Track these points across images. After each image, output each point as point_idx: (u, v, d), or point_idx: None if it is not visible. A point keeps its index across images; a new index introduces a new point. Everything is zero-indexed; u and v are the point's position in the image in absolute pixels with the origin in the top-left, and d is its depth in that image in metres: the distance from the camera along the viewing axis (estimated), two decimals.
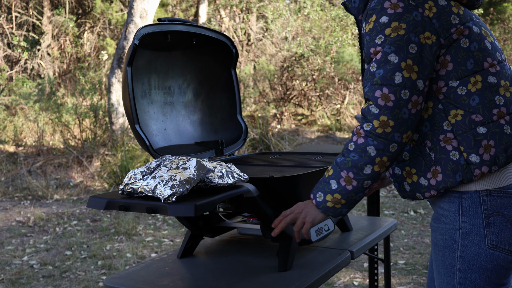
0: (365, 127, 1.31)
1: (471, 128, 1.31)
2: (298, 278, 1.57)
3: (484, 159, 1.30)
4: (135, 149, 6.86)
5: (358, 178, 1.33)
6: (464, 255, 1.35)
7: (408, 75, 1.28)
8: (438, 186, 1.34)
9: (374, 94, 1.29)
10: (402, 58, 1.28)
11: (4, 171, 7.08)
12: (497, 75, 1.35)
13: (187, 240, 1.81)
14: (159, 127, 2.01)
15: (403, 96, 1.28)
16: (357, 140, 1.33)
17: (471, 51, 1.34)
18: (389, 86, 1.28)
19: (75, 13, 13.78)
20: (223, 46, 2.07)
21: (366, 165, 1.32)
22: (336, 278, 3.59)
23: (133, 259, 4.06)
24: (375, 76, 1.30)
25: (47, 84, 9.08)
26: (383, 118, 1.28)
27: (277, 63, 10.71)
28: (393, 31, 1.29)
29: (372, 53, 1.33)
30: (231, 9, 13.61)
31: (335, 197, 1.37)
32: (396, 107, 1.27)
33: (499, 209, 1.33)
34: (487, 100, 1.32)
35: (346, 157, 1.35)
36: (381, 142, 1.29)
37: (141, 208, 1.37)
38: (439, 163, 1.34)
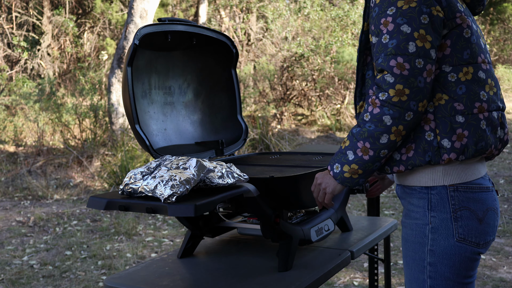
0: (381, 97, 1.32)
1: (451, 114, 1.35)
2: (298, 278, 1.57)
3: (455, 147, 1.34)
4: (135, 149, 6.86)
5: (374, 148, 1.34)
6: (434, 248, 1.39)
7: (422, 44, 1.30)
8: (407, 162, 1.38)
9: (389, 64, 1.30)
10: (414, 28, 1.30)
11: (4, 171, 7.08)
12: (486, 72, 1.40)
13: (187, 240, 1.81)
14: (159, 127, 2.01)
15: (417, 64, 1.29)
16: (372, 110, 1.33)
17: (470, 43, 1.37)
18: (403, 55, 1.29)
19: (75, 13, 13.78)
20: (223, 46, 2.07)
21: (382, 134, 1.33)
22: (336, 278, 3.59)
23: (133, 259, 4.06)
24: (388, 46, 1.31)
25: (47, 84, 9.08)
26: (399, 86, 1.29)
27: (277, 63, 10.71)
28: (405, 4, 1.31)
29: (382, 24, 1.33)
30: (231, 9, 13.60)
31: (352, 168, 1.38)
32: (412, 75, 1.29)
33: (466, 203, 1.38)
34: (472, 92, 1.35)
35: (362, 127, 1.35)
36: (397, 111, 1.30)
37: (141, 208, 1.37)
38: (415, 141, 1.37)
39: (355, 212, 5.18)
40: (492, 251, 4.00)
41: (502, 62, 19.03)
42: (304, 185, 1.68)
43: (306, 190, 1.69)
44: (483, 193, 1.41)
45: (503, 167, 7.15)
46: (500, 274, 3.58)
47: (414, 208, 1.43)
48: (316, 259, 1.74)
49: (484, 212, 1.40)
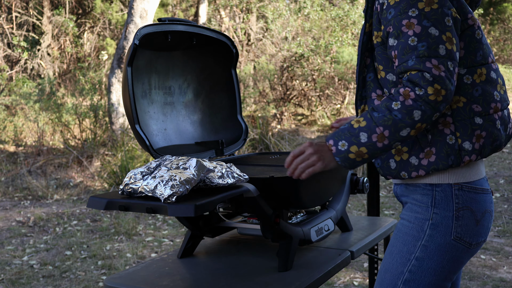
0: (417, 91, 1.29)
1: (470, 116, 1.36)
2: (298, 278, 1.57)
3: (475, 148, 1.37)
4: (135, 149, 6.86)
5: (392, 138, 1.32)
6: (428, 244, 1.40)
7: (450, 47, 1.30)
8: (429, 167, 1.38)
9: (426, 65, 1.29)
10: (441, 31, 1.30)
11: (4, 171, 7.08)
12: (496, 71, 1.42)
13: (187, 240, 1.81)
14: (159, 127, 2.01)
15: (450, 67, 1.30)
16: (404, 101, 1.31)
17: (482, 44, 1.39)
18: (437, 58, 1.29)
19: (75, 13, 13.78)
20: (223, 46, 2.07)
21: (406, 127, 1.31)
22: (336, 278, 3.59)
23: (133, 259, 4.06)
24: (418, 49, 1.30)
25: (47, 84, 9.08)
26: (437, 86, 1.28)
27: (277, 63, 10.71)
28: (426, 5, 1.31)
29: (404, 25, 1.32)
30: (231, 9, 13.61)
31: (361, 150, 1.35)
32: (447, 78, 1.29)
33: (468, 203, 1.40)
34: (488, 93, 1.37)
35: (386, 114, 1.32)
36: (429, 109, 1.29)
37: (141, 208, 1.37)
38: (435, 145, 1.37)
39: (355, 212, 5.18)
40: (492, 251, 4.00)
41: (502, 62, 19.03)
42: (304, 185, 1.68)
43: (306, 190, 1.69)
44: (484, 195, 1.43)
45: (503, 167, 7.15)
46: (500, 274, 3.58)
47: (417, 203, 1.44)
48: (316, 259, 1.74)
49: (482, 214, 1.41)
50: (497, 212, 5.00)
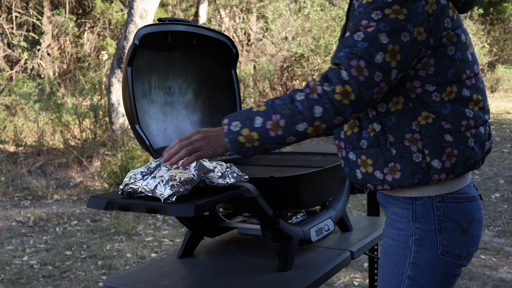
0: (326, 87, 1.22)
1: (439, 133, 1.29)
2: (298, 278, 1.57)
3: (445, 167, 1.29)
4: (135, 149, 6.86)
5: (286, 130, 1.24)
6: (417, 261, 1.34)
7: (389, 60, 1.22)
8: (394, 184, 1.32)
9: (350, 62, 1.21)
10: (391, 41, 1.21)
11: (4, 171, 7.08)
12: (471, 88, 1.33)
13: (187, 240, 1.81)
14: (159, 127, 2.01)
15: (375, 77, 1.21)
16: (309, 94, 1.23)
17: (454, 60, 1.30)
18: (367, 61, 1.21)
19: (75, 13, 13.79)
20: (223, 46, 2.07)
21: (303, 122, 1.23)
22: (336, 278, 3.59)
23: (133, 259, 4.06)
24: (357, 46, 1.22)
25: (47, 84, 9.08)
26: (348, 88, 1.20)
27: (277, 63, 10.71)
28: (393, 13, 1.22)
29: (362, 25, 1.24)
30: (231, 9, 13.61)
31: (251, 135, 1.25)
32: (365, 84, 1.21)
33: (451, 214, 1.33)
34: (458, 111, 1.30)
35: (287, 103, 1.24)
36: (332, 110, 1.22)
37: (141, 208, 1.37)
38: (400, 161, 1.30)
39: (355, 212, 5.18)
40: (492, 251, 4.00)
41: (502, 62, 19.04)
42: (304, 185, 1.68)
43: (306, 190, 1.69)
44: (469, 203, 1.36)
45: (503, 167, 7.15)
46: (500, 274, 3.58)
47: (398, 218, 1.37)
48: (316, 259, 1.74)
49: (468, 223, 1.35)
50: (497, 212, 5.00)
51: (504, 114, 12.91)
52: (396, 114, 1.31)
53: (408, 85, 1.30)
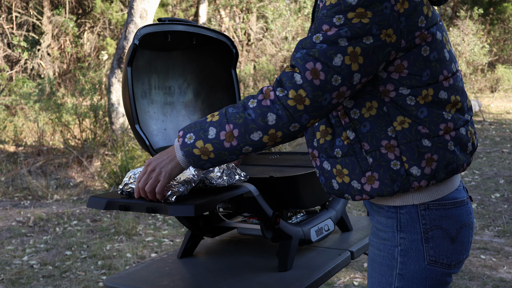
0: (278, 92, 1.15)
1: (417, 139, 1.22)
2: (298, 278, 1.57)
3: (425, 173, 1.23)
4: (135, 149, 6.86)
5: (241, 140, 1.18)
6: (403, 273, 1.28)
7: (350, 63, 1.14)
8: (373, 193, 1.25)
9: (305, 65, 1.14)
10: (351, 44, 1.14)
11: (4, 171, 7.08)
12: (449, 90, 1.26)
13: (187, 240, 1.81)
14: (159, 127, 2.01)
15: (333, 81, 1.14)
16: (262, 100, 1.16)
17: (429, 61, 1.22)
18: (324, 64, 1.13)
19: (75, 13, 13.79)
20: (223, 46, 2.07)
21: (257, 130, 1.16)
22: (336, 278, 3.59)
23: (133, 259, 4.06)
24: (315, 47, 1.15)
25: (47, 84, 9.08)
26: (302, 92, 1.13)
27: (277, 63, 10.70)
28: (356, 17, 1.14)
29: (323, 30, 1.17)
30: (231, 9, 13.61)
31: (206, 147, 1.20)
32: (321, 88, 1.13)
33: (438, 222, 1.26)
34: (435, 114, 1.23)
35: (240, 111, 1.18)
36: (286, 116, 1.15)
37: (141, 208, 1.37)
38: (377, 170, 1.24)
39: (355, 212, 5.19)
40: (492, 251, 4.00)
41: (502, 62, 19.04)
42: (304, 185, 1.68)
43: (306, 190, 1.70)
44: (457, 208, 1.28)
45: (503, 167, 7.15)
46: (500, 274, 3.58)
47: (382, 227, 1.31)
48: (316, 259, 1.74)
49: (457, 230, 1.28)
50: (497, 212, 5.00)
51: (504, 114, 12.92)
52: (370, 120, 1.23)
53: (381, 89, 1.23)
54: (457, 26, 14.96)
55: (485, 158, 7.78)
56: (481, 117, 11.97)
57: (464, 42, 13.76)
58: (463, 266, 3.69)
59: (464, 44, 13.71)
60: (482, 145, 8.94)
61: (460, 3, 19.82)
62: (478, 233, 4.44)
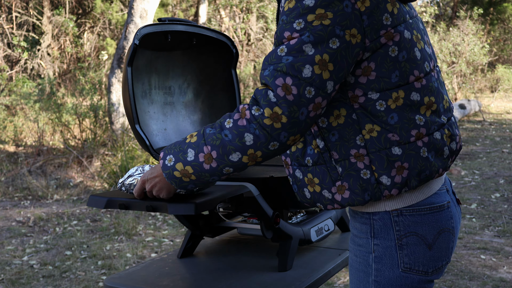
0: (254, 111, 1.11)
1: (386, 147, 1.17)
2: (298, 278, 1.57)
3: (395, 182, 1.19)
4: (135, 149, 6.87)
5: (220, 161, 1.15)
6: (379, 279, 1.25)
7: (320, 72, 1.09)
8: (344, 203, 1.23)
9: (275, 81, 1.10)
10: (318, 51, 1.09)
11: (4, 171, 7.08)
12: (421, 91, 1.20)
13: (187, 240, 1.81)
14: (159, 127, 2.01)
15: (307, 93, 1.09)
16: (238, 120, 1.13)
17: (398, 62, 1.17)
18: (294, 77, 1.09)
19: (75, 13, 13.80)
20: (223, 46, 2.07)
21: (236, 151, 1.13)
22: (336, 278, 3.59)
23: (133, 259, 4.06)
24: (282, 61, 1.10)
25: (47, 84, 9.08)
26: (277, 110, 1.09)
27: None
28: (316, 19, 1.10)
29: (285, 38, 1.12)
30: (231, 9, 13.62)
31: (186, 169, 1.18)
32: (296, 103, 1.09)
33: (413, 228, 1.22)
34: (406, 120, 1.18)
35: (217, 132, 1.15)
36: (263, 136, 1.11)
37: (141, 207, 1.37)
38: (347, 180, 1.20)
39: None
40: (492, 251, 4.00)
41: (502, 62, 19.05)
42: None
43: None
44: (434, 213, 1.24)
45: (503, 167, 7.15)
46: (500, 274, 3.58)
47: (358, 233, 1.29)
48: (316, 259, 1.74)
49: (435, 236, 1.23)
50: (497, 212, 5.00)
51: (504, 114, 12.92)
52: (338, 128, 1.20)
53: (350, 94, 1.18)
54: (457, 26, 14.96)
55: (485, 158, 7.78)
56: (481, 117, 11.97)
57: (464, 42, 13.76)
58: (463, 266, 3.69)
59: (464, 44, 13.71)
60: (482, 145, 8.95)
61: (460, 3, 19.83)
62: (478, 233, 4.44)
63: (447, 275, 3.55)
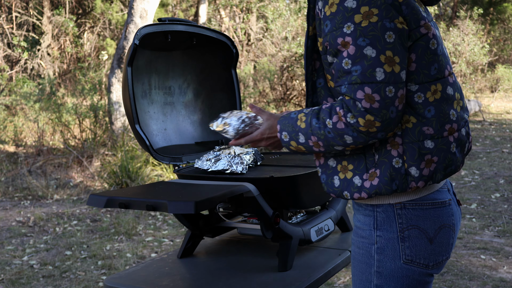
0: (349, 119, 1.18)
1: (419, 139, 1.22)
2: (298, 278, 1.57)
3: (423, 174, 1.23)
4: (135, 149, 6.86)
5: (327, 148, 1.27)
6: (381, 270, 1.29)
7: (390, 69, 1.15)
8: (371, 191, 1.25)
9: (356, 95, 1.16)
10: (380, 51, 1.14)
11: (4, 171, 7.08)
12: (453, 85, 1.26)
13: (187, 240, 1.81)
14: (159, 127, 2.01)
15: (388, 93, 1.15)
16: (337, 123, 1.21)
17: (437, 55, 1.22)
18: (371, 84, 1.14)
19: (75, 13, 13.80)
20: (223, 46, 2.07)
21: (339, 146, 1.24)
22: (336, 278, 3.59)
23: (133, 259, 4.06)
24: (352, 74, 1.16)
25: (47, 84, 9.08)
26: (369, 117, 1.16)
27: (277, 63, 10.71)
28: (364, 18, 1.14)
29: (340, 44, 1.17)
30: (231, 9, 13.62)
31: (299, 147, 1.31)
32: (383, 107, 1.15)
33: (415, 222, 1.26)
34: (442, 114, 1.22)
35: (321, 128, 1.24)
36: (362, 138, 1.20)
37: (141, 206, 1.37)
38: (380, 167, 1.24)
39: None
40: (492, 251, 4.00)
41: (502, 62, 19.04)
42: (304, 185, 1.68)
43: (306, 190, 1.70)
44: (436, 209, 1.28)
45: (503, 167, 7.15)
46: (500, 274, 3.58)
47: (361, 225, 1.33)
48: (316, 259, 1.74)
49: (436, 231, 1.27)
50: (497, 212, 5.00)
51: (504, 114, 12.92)
52: None
53: None
54: (457, 26, 14.96)
55: (485, 158, 7.78)
56: (481, 117, 11.97)
57: (464, 42, 13.76)
58: (463, 266, 3.69)
59: (464, 44, 13.71)
60: (482, 145, 8.95)
61: (460, 3, 19.83)
62: (478, 233, 4.44)
63: (447, 275, 3.55)
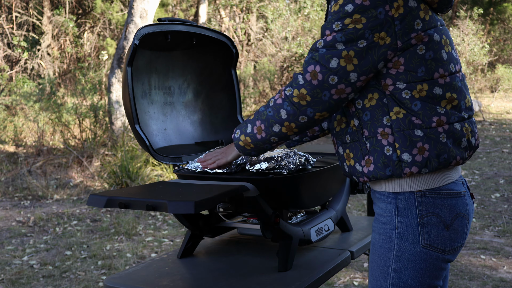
0: (287, 91, 1.38)
1: (409, 128, 1.35)
2: (298, 278, 1.57)
3: (416, 160, 1.35)
4: (135, 149, 6.86)
5: (267, 132, 1.44)
6: (400, 254, 1.39)
7: (345, 64, 1.32)
8: (369, 175, 1.40)
9: (307, 68, 1.35)
10: (346, 48, 1.32)
11: (4, 171, 7.08)
12: (444, 86, 1.38)
13: (187, 240, 1.81)
14: (159, 127, 2.01)
15: (330, 80, 1.33)
16: (277, 99, 1.41)
17: (425, 59, 1.36)
18: (323, 66, 1.33)
19: (75, 13, 13.80)
20: (223, 46, 2.07)
21: (276, 124, 1.41)
22: (336, 278, 3.59)
23: (133, 259, 4.06)
24: (317, 51, 1.35)
25: (47, 84, 9.08)
26: (303, 91, 1.35)
27: (277, 63, 10.71)
28: (352, 23, 1.32)
29: (325, 34, 1.36)
30: (231, 9, 13.62)
31: (246, 140, 1.49)
32: (319, 87, 1.33)
33: (433, 209, 1.38)
34: (428, 108, 1.36)
35: (264, 109, 1.44)
36: (293, 110, 1.37)
37: (141, 206, 1.37)
38: (373, 154, 1.39)
39: (355, 212, 5.19)
40: (492, 251, 4.00)
41: (502, 62, 19.04)
42: (304, 185, 1.68)
43: (306, 190, 1.70)
44: (453, 198, 1.40)
45: (503, 167, 7.15)
46: (500, 274, 3.58)
47: (382, 212, 1.43)
48: (316, 259, 1.74)
49: (452, 218, 1.39)
50: (497, 212, 5.00)
51: (504, 114, 12.92)
52: (370, 109, 1.39)
53: (382, 82, 1.37)
54: (457, 26, 14.96)
55: (485, 158, 7.78)
56: (481, 117, 11.98)
57: (464, 42, 13.76)
58: (463, 266, 3.69)
59: (464, 44, 13.71)
60: (482, 145, 8.95)
61: (460, 3, 19.83)
62: (478, 233, 4.44)
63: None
